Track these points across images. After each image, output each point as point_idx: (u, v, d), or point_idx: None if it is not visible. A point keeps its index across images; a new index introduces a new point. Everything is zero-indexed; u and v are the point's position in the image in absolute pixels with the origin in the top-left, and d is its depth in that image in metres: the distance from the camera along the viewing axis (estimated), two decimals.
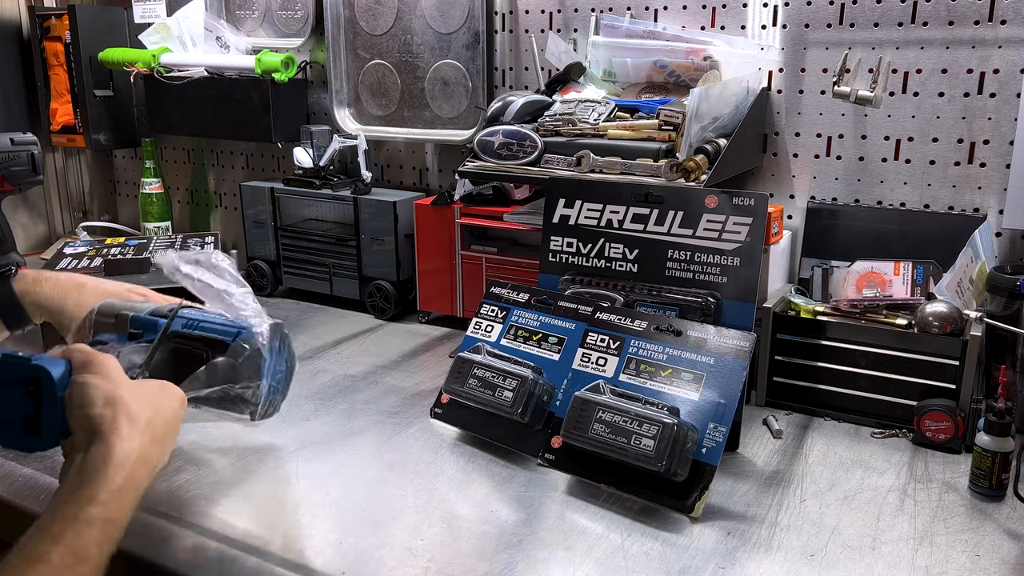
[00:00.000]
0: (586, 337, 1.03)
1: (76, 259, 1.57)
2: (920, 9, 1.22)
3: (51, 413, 0.74)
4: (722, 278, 1.03)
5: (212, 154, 2.02)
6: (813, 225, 1.33)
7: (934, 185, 1.26)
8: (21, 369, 0.74)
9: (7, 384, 0.75)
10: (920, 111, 1.25)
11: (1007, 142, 1.20)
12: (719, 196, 1.04)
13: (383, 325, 1.54)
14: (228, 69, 1.74)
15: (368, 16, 1.68)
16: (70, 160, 2.20)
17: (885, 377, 1.10)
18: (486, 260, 1.44)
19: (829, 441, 1.07)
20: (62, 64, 1.95)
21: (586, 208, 1.13)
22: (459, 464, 1.01)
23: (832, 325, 1.13)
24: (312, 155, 1.63)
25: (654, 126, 1.19)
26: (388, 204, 1.53)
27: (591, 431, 0.92)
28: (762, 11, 1.33)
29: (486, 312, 1.14)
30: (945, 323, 1.06)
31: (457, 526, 0.87)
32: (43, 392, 0.74)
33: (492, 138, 1.26)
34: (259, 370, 0.90)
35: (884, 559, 0.81)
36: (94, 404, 0.74)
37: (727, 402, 0.92)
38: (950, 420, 1.03)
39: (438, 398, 1.11)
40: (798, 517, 0.89)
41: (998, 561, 0.81)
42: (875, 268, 1.20)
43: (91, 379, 0.76)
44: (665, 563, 0.80)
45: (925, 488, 0.95)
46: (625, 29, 1.38)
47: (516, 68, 1.56)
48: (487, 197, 1.43)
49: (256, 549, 0.82)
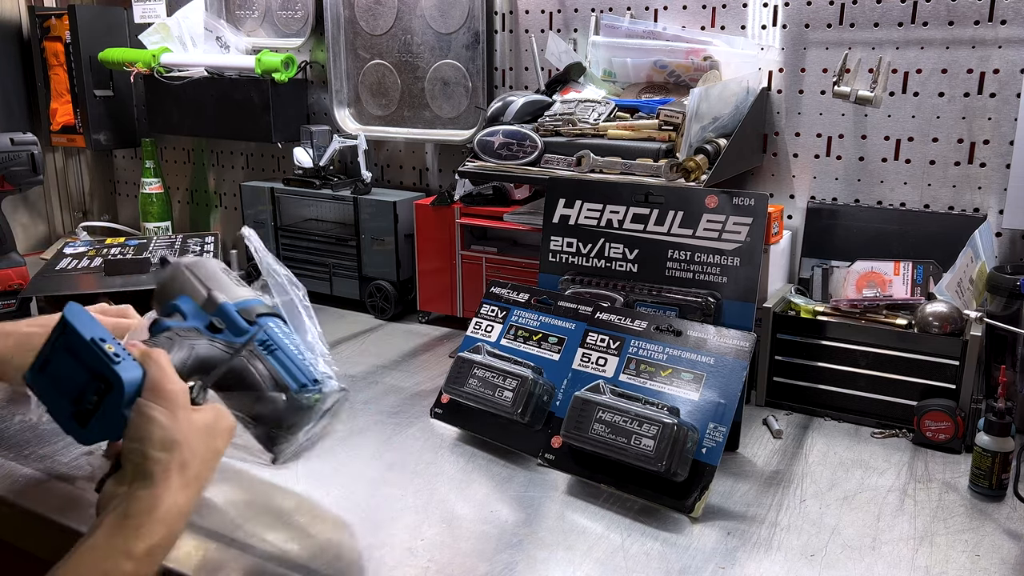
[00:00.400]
0: (586, 337, 1.03)
1: (76, 259, 1.57)
2: (920, 9, 1.22)
3: (106, 420, 0.71)
4: (722, 278, 1.03)
5: (212, 154, 2.02)
6: (813, 225, 1.33)
7: (934, 185, 1.26)
8: (100, 365, 0.70)
9: (84, 368, 0.71)
10: (920, 111, 1.25)
11: (1007, 142, 1.20)
12: (719, 196, 1.04)
13: (383, 325, 1.54)
14: (228, 69, 1.74)
15: (368, 16, 1.68)
16: (70, 160, 2.20)
17: (885, 377, 1.10)
18: (486, 260, 1.44)
19: (829, 441, 1.07)
20: (62, 64, 1.95)
21: (586, 208, 1.13)
22: (459, 464, 1.01)
23: (832, 325, 1.13)
24: (312, 155, 1.63)
25: (654, 126, 1.19)
26: (388, 204, 1.53)
27: (591, 431, 0.92)
28: (762, 11, 1.33)
29: (486, 312, 1.14)
30: (945, 323, 1.06)
31: (457, 526, 0.87)
32: (107, 399, 0.71)
33: (492, 138, 1.26)
34: (303, 426, 0.85)
35: (884, 559, 0.81)
36: (152, 444, 0.70)
37: (727, 402, 0.92)
38: (950, 420, 1.03)
39: (438, 398, 1.11)
40: (798, 517, 0.89)
41: (998, 561, 0.81)
42: (875, 268, 1.20)
43: (157, 415, 0.71)
44: (665, 563, 0.80)
45: (925, 488, 0.95)
46: (625, 29, 1.38)
47: (516, 68, 1.57)
48: (487, 197, 1.43)
49: (256, 549, 0.82)
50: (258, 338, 0.84)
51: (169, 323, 0.83)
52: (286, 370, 0.84)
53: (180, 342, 0.80)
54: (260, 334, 0.84)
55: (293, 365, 0.84)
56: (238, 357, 0.83)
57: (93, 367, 0.71)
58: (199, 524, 0.86)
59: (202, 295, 0.87)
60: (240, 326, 0.85)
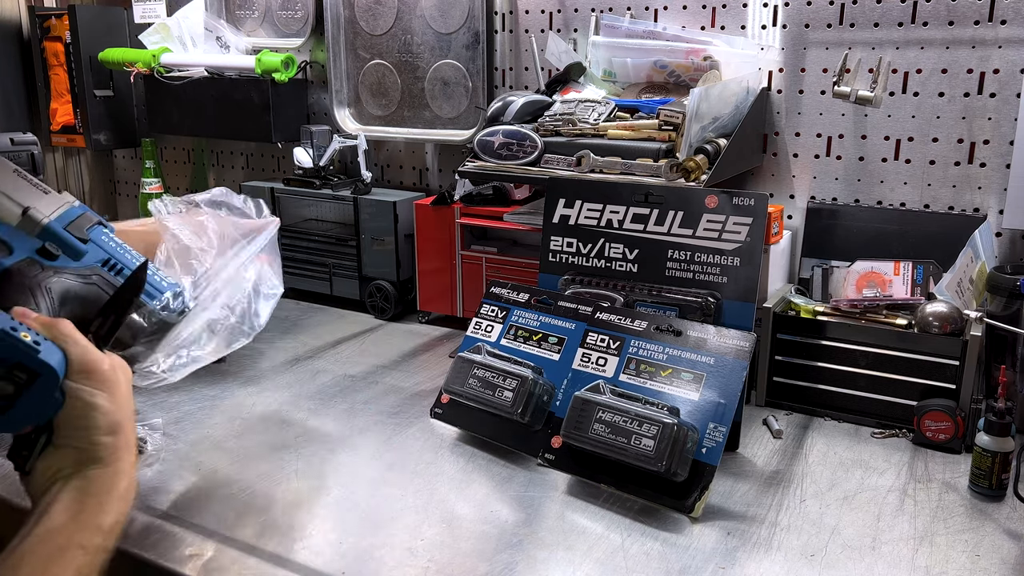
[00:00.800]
0: (586, 337, 1.03)
1: None
2: (920, 9, 1.22)
3: (31, 407, 0.69)
4: (722, 278, 1.03)
5: (212, 154, 2.02)
6: (813, 225, 1.33)
7: (934, 185, 1.26)
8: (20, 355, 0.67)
9: None
10: (920, 111, 1.25)
11: (1007, 142, 1.20)
12: (719, 196, 1.04)
13: (383, 325, 1.54)
14: (228, 69, 1.74)
15: (368, 16, 1.68)
16: (70, 160, 2.20)
17: (885, 377, 1.10)
18: (486, 260, 1.44)
19: (829, 441, 1.07)
20: (62, 64, 1.95)
21: (586, 208, 1.13)
22: (459, 464, 1.01)
23: (832, 325, 1.13)
24: (312, 155, 1.63)
25: (654, 126, 1.19)
26: (388, 204, 1.53)
27: (591, 431, 0.92)
28: (762, 11, 1.33)
29: (486, 312, 1.14)
30: (945, 323, 1.06)
31: (457, 526, 0.87)
32: (33, 387, 0.68)
33: (492, 138, 1.26)
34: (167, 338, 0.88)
35: (884, 559, 0.81)
36: (99, 431, 0.72)
37: (727, 402, 0.92)
38: (950, 420, 1.03)
39: (438, 398, 1.11)
40: (798, 517, 0.89)
41: (998, 561, 0.81)
42: (875, 268, 1.20)
43: (99, 400, 0.72)
44: (665, 563, 0.80)
45: (925, 488, 0.95)
46: (625, 29, 1.38)
47: (516, 68, 1.56)
48: (487, 197, 1.43)
49: (256, 549, 0.82)
50: (98, 259, 0.81)
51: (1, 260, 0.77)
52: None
53: (32, 284, 0.76)
54: (100, 254, 0.81)
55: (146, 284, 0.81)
56: (91, 286, 0.80)
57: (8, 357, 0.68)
58: (199, 524, 0.86)
59: (15, 213, 0.81)
60: (77, 248, 0.81)
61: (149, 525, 0.86)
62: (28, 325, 0.71)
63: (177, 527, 0.86)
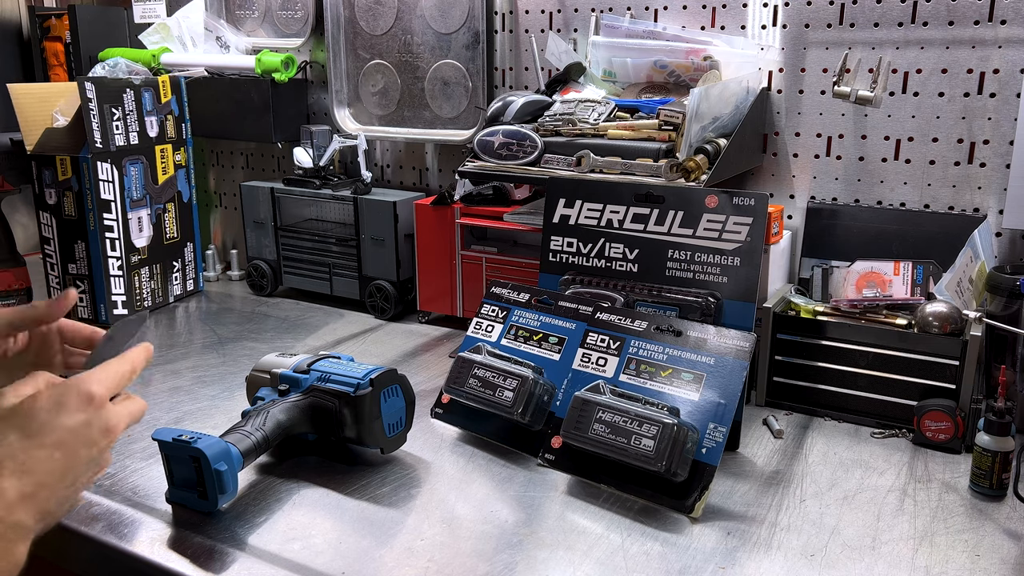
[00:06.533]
0: (586, 337, 1.03)
1: None
2: (920, 9, 1.22)
3: (211, 483, 0.86)
4: (722, 278, 1.03)
5: (212, 154, 2.02)
6: (813, 225, 1.33)
7: (934, 185, 1.26)
8: (186, 450, 0.86)
9: (180, 459, 0.88)
10: (920, 111, 1.25)
11: (1007, 142, 1.20)
12: (719, 196, 1.04)
13: (383, 325, 1.54)
14: (228, 69, 1.74)
15: (368, 16, 1.68)
16: None
17: (885, 377, 1.10)
18: (486, 260, 1.44)
19: (829, 441, 1.07)
20: (62, 64, 1.95)
21: (586, 208, 1.13)
22: (459, 464, 1.01)
23: (832, 325, 1.13)
24: (312, 155, 1.63)
25: (654, 126, 1.19)
26: (388, 204, 1.53)
27: (591, 431, 0.92)
28: (762, 11, 1.33)
29: (486, 312, 1.14)
30: (945, 323, 1.06)
31: (457, 526, 0.87)
32: (203, 467, 0.86)
33: (492, 138, 1.26)
34: (375, 411, 0.97)
35: (884, 559, 0.81)
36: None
37: (727, 402, 0.92)
38: (950, 420, 1.03)
39: (438, 398, 1.11)
40: (798, 517, 0.89)
41: (998, 561, 0.81)
42: (875, 268, 1.20)
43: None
44: (665, 563, 0.80)
45: (925, 488, 0.95)
46: (625, 29, 1.38)
47: (516, 68, 1.57)
48: (487, 197, 1.43)
49: (256, 549, 0.82)
50: (313, 378, 1.01)
51: (260, 393, 1.03)
52: (341, 383, 0.99)
53: (265, 408, 0.98)
54: (312, 375, 1.01)
55: (345, 377, 0.99)
56: (306, 398, 1.00)
57: (182, 454, 0.87)
58: (199, 524, 0.86)
59: (265, 378, 1.05)
60: (299, 380, 1.02)
61: (147, 524, 0.86)
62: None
63: (176, 527, 0.86)
